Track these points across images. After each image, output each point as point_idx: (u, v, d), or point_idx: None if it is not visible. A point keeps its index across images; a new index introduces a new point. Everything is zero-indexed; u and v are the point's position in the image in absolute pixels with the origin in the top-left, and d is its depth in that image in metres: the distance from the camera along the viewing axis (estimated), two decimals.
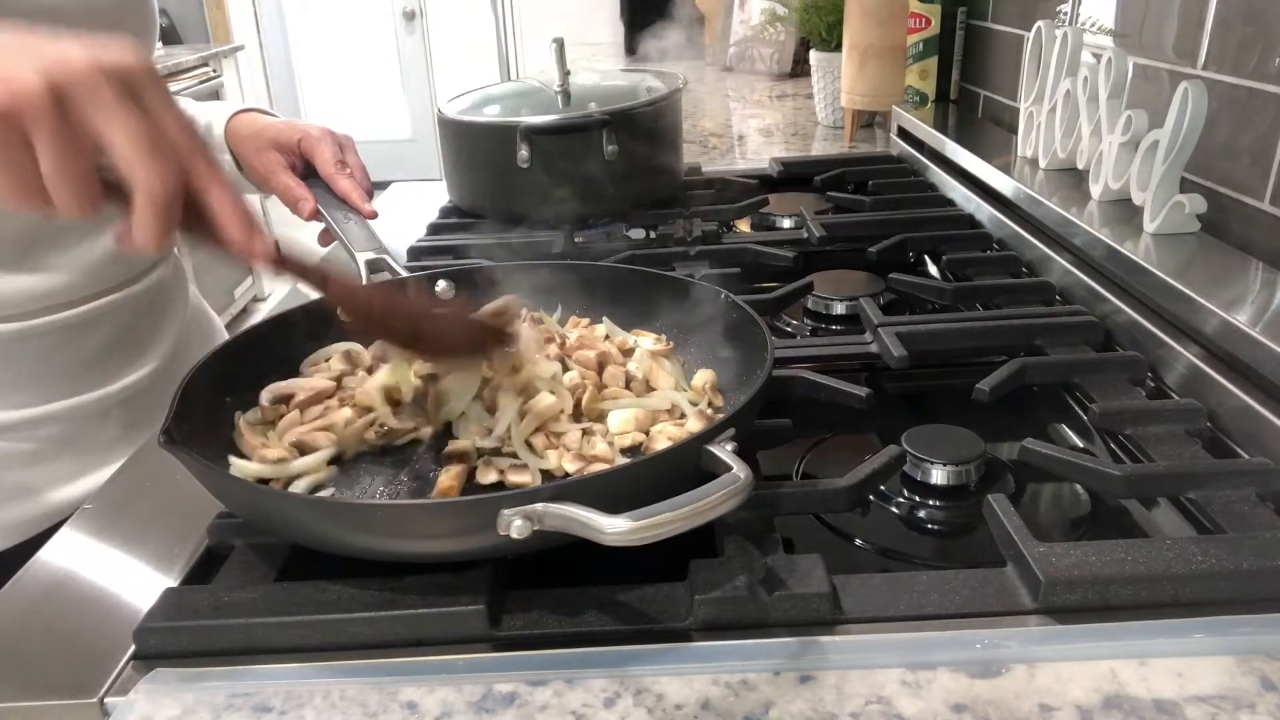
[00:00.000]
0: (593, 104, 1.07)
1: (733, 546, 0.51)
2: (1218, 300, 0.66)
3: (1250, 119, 0.76)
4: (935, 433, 0.63)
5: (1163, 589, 0.47)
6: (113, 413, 0.82)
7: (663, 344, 0.69)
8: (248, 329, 0.67)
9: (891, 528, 0.60)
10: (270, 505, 0.51)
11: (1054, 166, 1.00)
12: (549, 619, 0.48)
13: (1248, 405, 0.61)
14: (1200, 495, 0.56)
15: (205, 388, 0.60)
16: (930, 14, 1.35)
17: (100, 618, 0.51)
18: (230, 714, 0.44)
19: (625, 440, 0.60)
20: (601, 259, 0.92)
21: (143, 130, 0.44)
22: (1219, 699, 0.42)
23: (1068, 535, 0.58)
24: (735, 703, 0.43)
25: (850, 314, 0.87)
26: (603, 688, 0.44)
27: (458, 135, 1.11)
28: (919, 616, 0.47)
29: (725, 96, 2.08)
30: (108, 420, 0.82)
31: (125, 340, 0.84)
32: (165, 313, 0.89)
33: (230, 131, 0.88)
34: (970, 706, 0.42)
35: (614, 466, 0.57)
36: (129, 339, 0.84)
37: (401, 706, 0.44)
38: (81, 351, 0.80)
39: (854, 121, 1.58)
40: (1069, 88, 0.95)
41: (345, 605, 0.48)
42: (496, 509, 0.44)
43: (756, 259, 0.98)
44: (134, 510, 0.62)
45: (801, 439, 0.66)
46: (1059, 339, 0.75)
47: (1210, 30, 0.80)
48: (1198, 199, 0.77)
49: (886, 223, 1.04)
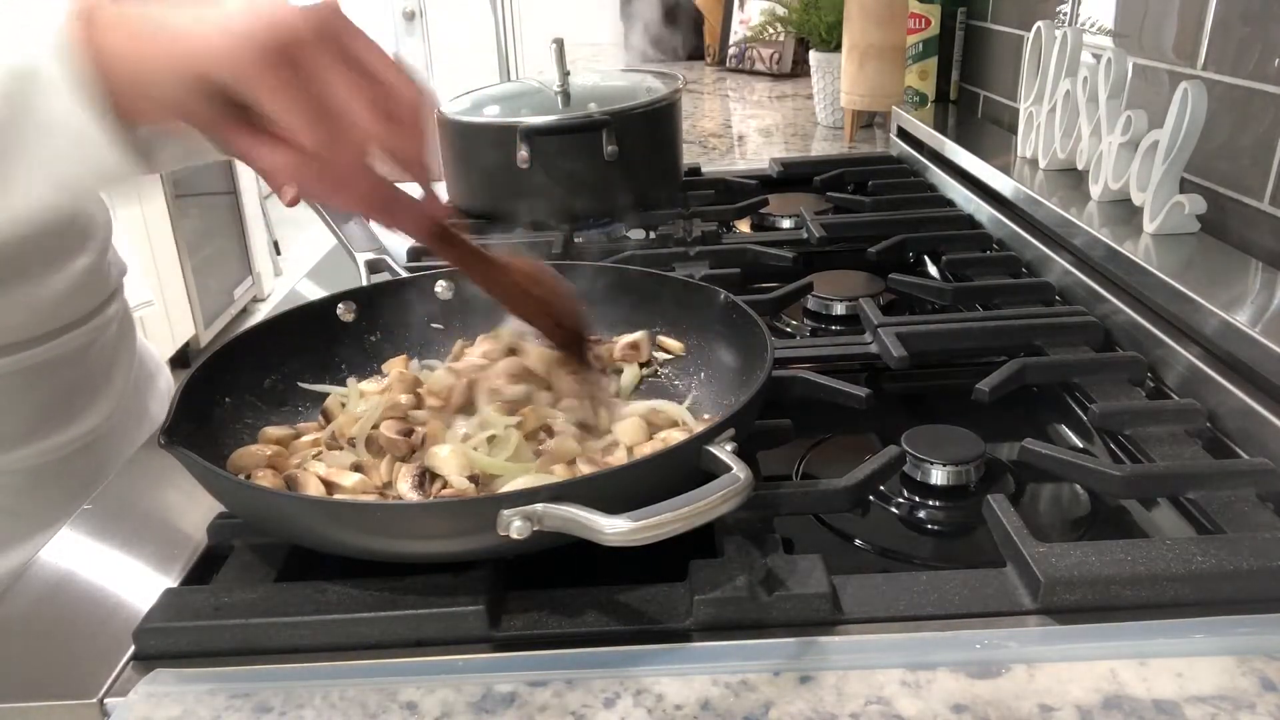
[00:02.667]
0: (593, 104, 1.07)
1: (733, 547, 0.51)
2: (1218, 300, 0.66)
3: (1250, 119, 0.76)
4: (935, 433, 0.63)
5: (1163, 589, 0.47)
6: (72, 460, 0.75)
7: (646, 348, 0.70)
8: (247, 329, 0.67)
9: (891, 528, 0.60)
10: (270, 505, 0.51)
11: (1054, 167, 1.00)
12: (549, 619, 0.48)
13: (1248, 405, 0.61)
14: (1200, 495, 0.56)
15: (205, 388, 0.60)
16: (930, 14, 1.35)
17: (100, 618, 0.51)
18: (230, 714, 0.44)
19: (644, 450, 0.60)
20: (601, 259, 0.92)
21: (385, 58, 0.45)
22: (1219, 699, 0.42)
23: (1068, 535, 0.58)
24: (735, 703, 0.43)
25: (850, 314, 0.87)
26: (602, 688, 0.44)
27: (458, 135, 1.11)
28: (919, 617, 0.47)
29: (725, 97, 2.08)
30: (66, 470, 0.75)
31: (82, 383, 0.77)
32: (118, 353, 0.82)
33: None
34: (970, 707, 0.42)
35: (613, 466, 0.57)
36: (85, 382, 0.77)
37: (401, 707, 0.44)
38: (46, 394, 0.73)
39: (854, 122, 1.58)
40: (1069, 88, 0.95)
41: (345, 605, 0.48)
42: (496, 509, 0.44)
43: (756, 259, 0.98)
44: (134, 510, 0.62)
45: (801, 439, 0.66)
46: (1059, 339, 0.75)
47: (1210, 30, 0.80)
48: (1197, 199, 0.77)
49: (886, 223, 1.04)
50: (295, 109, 0.42)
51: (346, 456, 0.58)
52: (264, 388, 0.66)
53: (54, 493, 0.73)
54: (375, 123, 0.43)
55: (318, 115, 0.42)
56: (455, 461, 0.55)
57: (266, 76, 0.41)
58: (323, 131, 0.42)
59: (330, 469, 0.56)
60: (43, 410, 0.74)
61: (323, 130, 0.42)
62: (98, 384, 0.79)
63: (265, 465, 0.58)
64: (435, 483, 0.55)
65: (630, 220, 1.11)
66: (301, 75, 0.41)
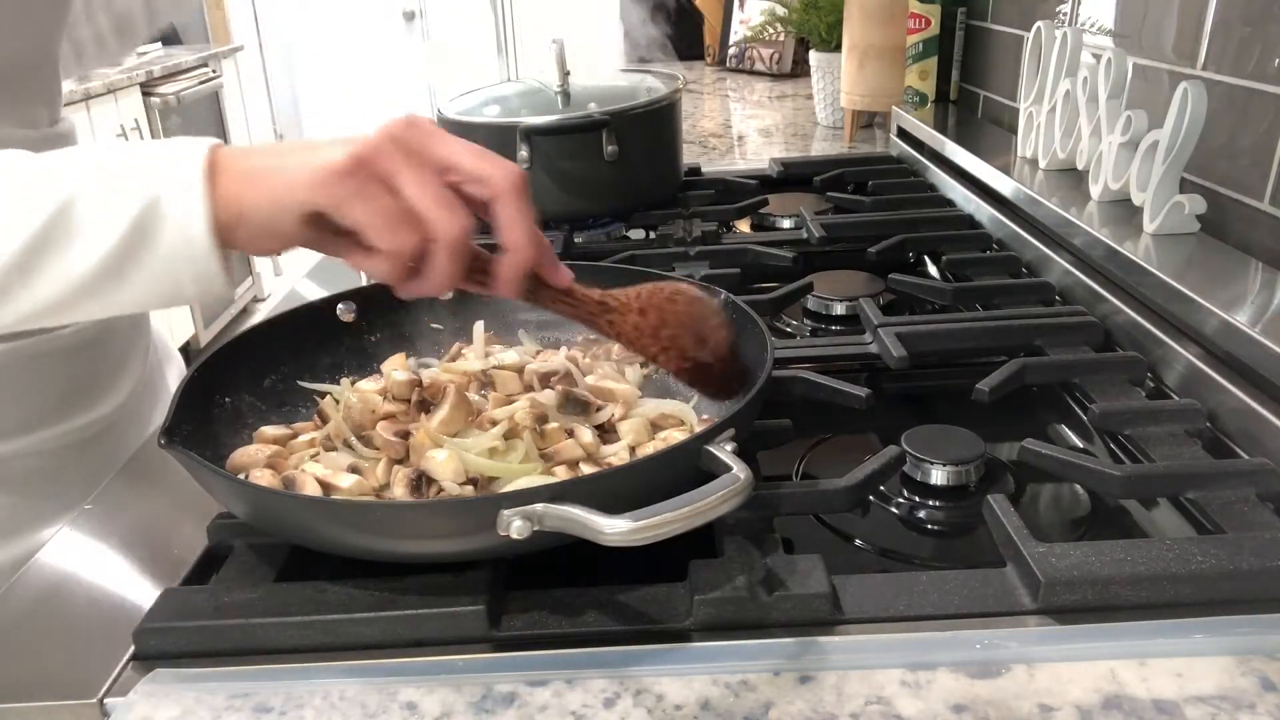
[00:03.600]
0: (592, 104, 1.07)
1: (733, 547, 0.51)
2: (1217, 300, 0.66)
3: (1250, 119, 0.76)
4: (935, 433, 0.63)
5: (1163, 589, 0.47)
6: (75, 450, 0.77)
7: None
8: (248, 329, 0.67)
9: (891, 528, 0.60)
10: (270, 505, 0.51)
11: (1054, 167, 1.00)
12: (549, 619, 0.48)
13: (1248, 405, 0.61)
14: (1200, 495, 0.56)
15: (204, 388, 0.60)
16: (930, 14, 1.35)
17: (100, 618, 0.51)
18: (230, 714, 0.44)
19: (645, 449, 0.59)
20: (601, 259, 0.92)
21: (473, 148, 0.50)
22: (1219, 699, 0.42)
23: (1068, 535, 0.58)
24: (735, 703, 0.43)
25: (850, 314, 0.87)
26: (602, 688, 0.44)
27: (458, 135, 1.10)
28: (919, 617, 0.47)
29: (725, 97, 2.08)
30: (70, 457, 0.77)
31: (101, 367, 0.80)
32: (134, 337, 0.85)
33: None
34: (970, 707, 0.42)
35: (613, 466, 0.56)
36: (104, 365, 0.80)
37: (401, 707, 0.44)
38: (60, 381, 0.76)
39: (854, 122, 1.58)
40: (1069, 88, 0.95)
41: (345, 605, 0.48)
42: (496, 509, 0.44)
43: (756, 259, 0.98)
44: (134, 510, 0.62)
45: (801, 439, 0.66)
46: (1059, 339, 0.75)
47: (1210, 30, 0.80)
48: (1197, 199, 0.77)
49: (886, 223, 1.04)
50: (371, 219, 0.47)
51: (343, 458, 0.58)
52: (263, 387, 0.66)
53: (75, 474, 0.76)
54: (445, 211, 0.48)
55: (390, 220, 0.47)
56: (451, 466, 0.55)
57: (345, 195, 0.47)
58: (395, 235, 0.47)
59: (327, 470, 0.56)
60: (63, 394, 0.76)
61: (395, 233, 0.47)
62: (116, 367, 0.82)
63: (264, 465, 0.58)
64: (431, 486, 0.55)
65: (630, 220, 1.11)
66: (376, 188, 0.47)
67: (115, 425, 0.81)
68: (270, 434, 0.62)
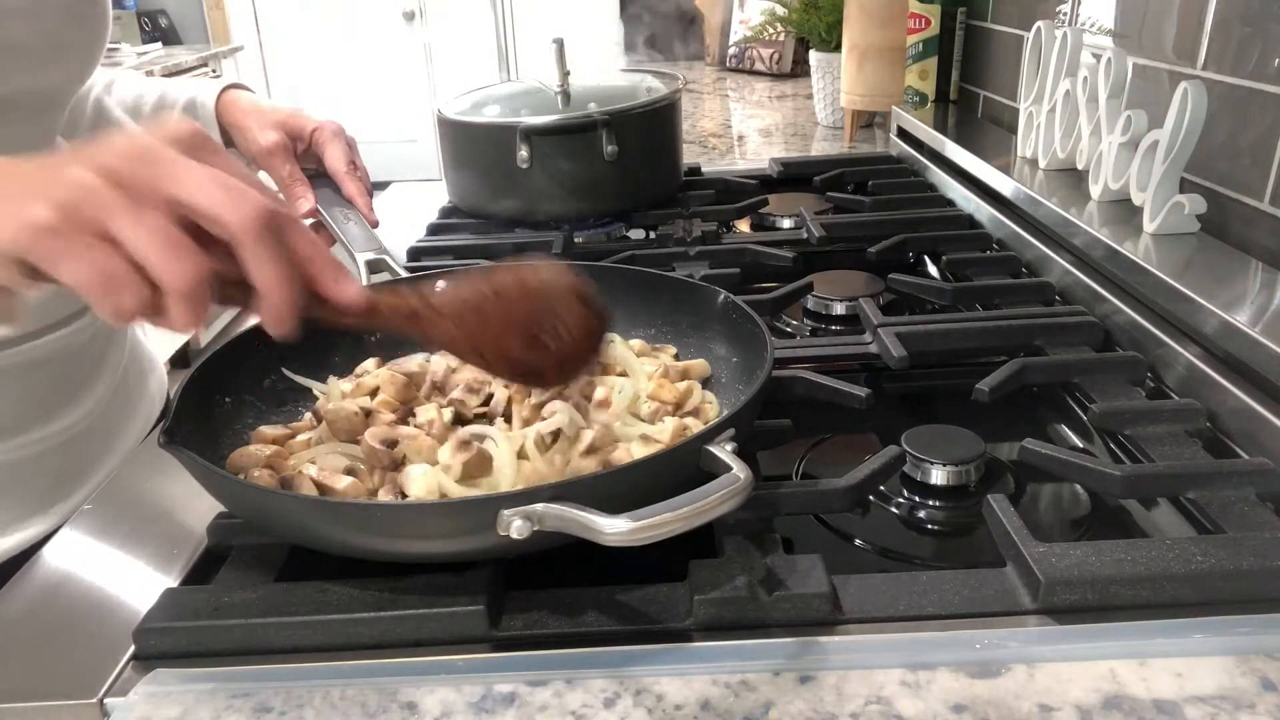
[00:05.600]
0: (592, 104, 1.07)
1: (732, 547, 0.51)
2: (1217, 300, 0.66)
3: (1250, 119, 0.76)
4: (935, 433, 0.63)
5: (1163, 589, 0.47)
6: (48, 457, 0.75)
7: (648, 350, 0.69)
8: (248, 329, 0.67)
9: (891, 528, 0.60)
10: (270, 505, 0.51)
11: (1054, 167, 1.00)
12: (549, 619, 0.48)
13: (1247, 405, 0.61)
14: (1200, 495, 0.56)
15: (205, 388, 0.60)
16: (930, 14, 1.35)
17: (100, 618, 0.51)
18: (230, 714, 0.44)
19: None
20: (601, 259, 0.92)
21: (216, 178, 0.42)
22: (1219, 699, 0.42)
23: (1068, 535, 0.58)
24: (735, 703, 0.43)
25: (850, 314, 0.87)
26: (602, 688, 0.44)
27: (457, 135, 1.11)
28: (919, 617, 0.47)
29: (725, 96, 2.08)
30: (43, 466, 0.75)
31: (64, 382, 0.77)
32: (105, 353, 0.83)
33: (224, 106, 0.85)
34: (970, 707, 0.42)
35: (613, 467, 0.56)
36: (67, 380, 0.77)
37: (401, 707, 0.44)
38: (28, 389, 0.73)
39: (854, 122, 1.58)
40: (1069, 88, 0.95)
41: (345, 605, 0.48)
42: (496, 509, 0.44)
43: (756, 259, 0.98)
44: (134, 510, 0.62)
45: (801, 439, 0.66)
46: (1059, 339, 0.75)
47: (1210, 30, 0.80)
48: (1197, 199, 0.77)
49: (886, 223, 1.04)
50: (86, 280, 0.41)
51: (340, 459, 0.58)
52: (263, 388, 0.66)
53: (27, 489, 0.74)
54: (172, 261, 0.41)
55: (106, 280, 0.41)
56: (425, 484, 0.53)
57: (53, 253, 0.40)
58: (114, 295, 0.41)
59: (323, 472, 0.56)
60: (21, 406, 0.74)
61: (114, 294, 0.41)
62: (80, 383, 0.79)
63: (263, 465, 0.58)
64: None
65: (630, 220, 1.11)
66: (86, 242, 0.40)
67: (76, 439, 0.78)
68: (269, 434, 0.62)
